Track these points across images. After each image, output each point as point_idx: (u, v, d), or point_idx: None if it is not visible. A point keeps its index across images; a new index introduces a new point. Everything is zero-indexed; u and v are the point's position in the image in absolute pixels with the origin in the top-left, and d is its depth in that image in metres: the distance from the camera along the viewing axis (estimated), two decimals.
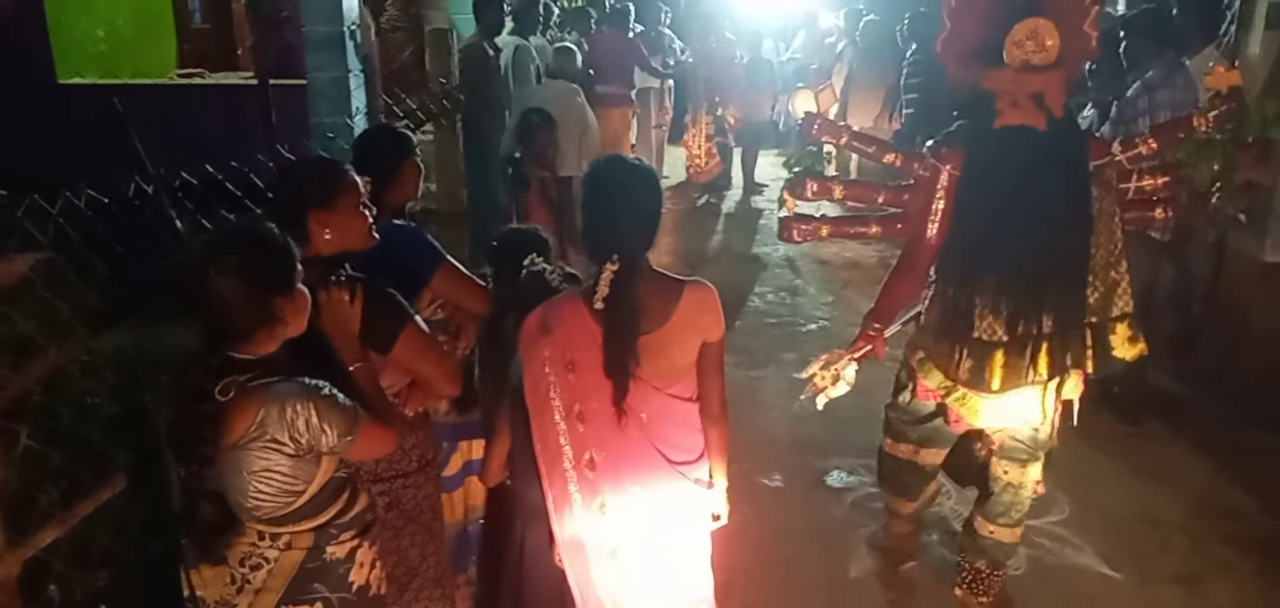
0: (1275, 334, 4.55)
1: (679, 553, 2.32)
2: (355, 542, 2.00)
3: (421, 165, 2.79)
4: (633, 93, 8.26)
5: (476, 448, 2.82)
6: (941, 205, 2.71)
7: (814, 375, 2.93)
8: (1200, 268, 4.79)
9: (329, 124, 5.29)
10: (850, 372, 2.90)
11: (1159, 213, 2.93)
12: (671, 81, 9.74)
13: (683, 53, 9.93)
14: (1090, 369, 2.80)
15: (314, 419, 1.80)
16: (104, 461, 2.97)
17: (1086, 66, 4.05)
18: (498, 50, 6.26)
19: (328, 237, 2.15)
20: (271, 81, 6.27)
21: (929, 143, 2.80)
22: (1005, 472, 2.97)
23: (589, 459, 2.20)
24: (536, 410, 2.21)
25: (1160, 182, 2.87)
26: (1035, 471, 2.98)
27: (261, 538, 1.88)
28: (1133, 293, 2.74)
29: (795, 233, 2.94)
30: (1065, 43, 2.51)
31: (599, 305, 2.12)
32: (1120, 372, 4.15)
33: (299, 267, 1.89)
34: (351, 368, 2.06)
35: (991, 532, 3.07)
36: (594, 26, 8.82)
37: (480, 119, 6.15)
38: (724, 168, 9.45)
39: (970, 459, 3.14)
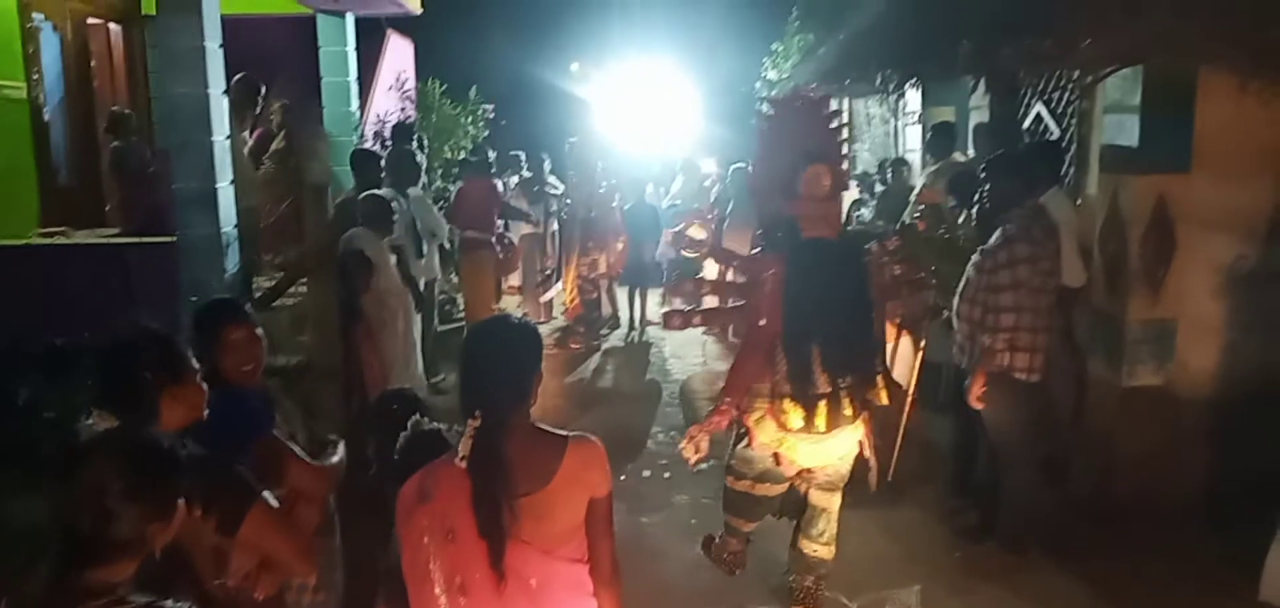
0: (1139, 459, 4.76)
1: None
2: None
3: (257, 332, 2.70)
4: (494, 238, 8.40)
5: None
6: (773, 299, 3.49)
7: (684, 449, 3.69)
8: (1064, 397, 5.01)
9: (200, 284, 5.10)
10: (704, 442, 3.69)
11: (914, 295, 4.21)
12: (556, 226, 9.93)
13: (565, 198, 10.13)
14: (886, 402, 3.75)
15: None
16: None
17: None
18: (387, 203, 6.23)
19: (169, 413, 2.05)
20: (140, 240, 6.04)
21: (761, 253, 3.65)
22: (820, 500, 3.75)
23: None
24: (415, 587, 2.09)
25: (901, 271, 3.88)
26: (837, 498, 3.79)
27: None
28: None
29: (676, 322, 4.02)
30: (835, 179, 3.56)
31: (463, 465, 2.05)
32: (1007, 503, 4.33)
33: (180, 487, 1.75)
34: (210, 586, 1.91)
35: (814, 550, 3.82)
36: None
37: None
38: (611, 309, 9.61)
39: (791, 496, 3.87)
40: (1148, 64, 4.51)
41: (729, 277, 4.12)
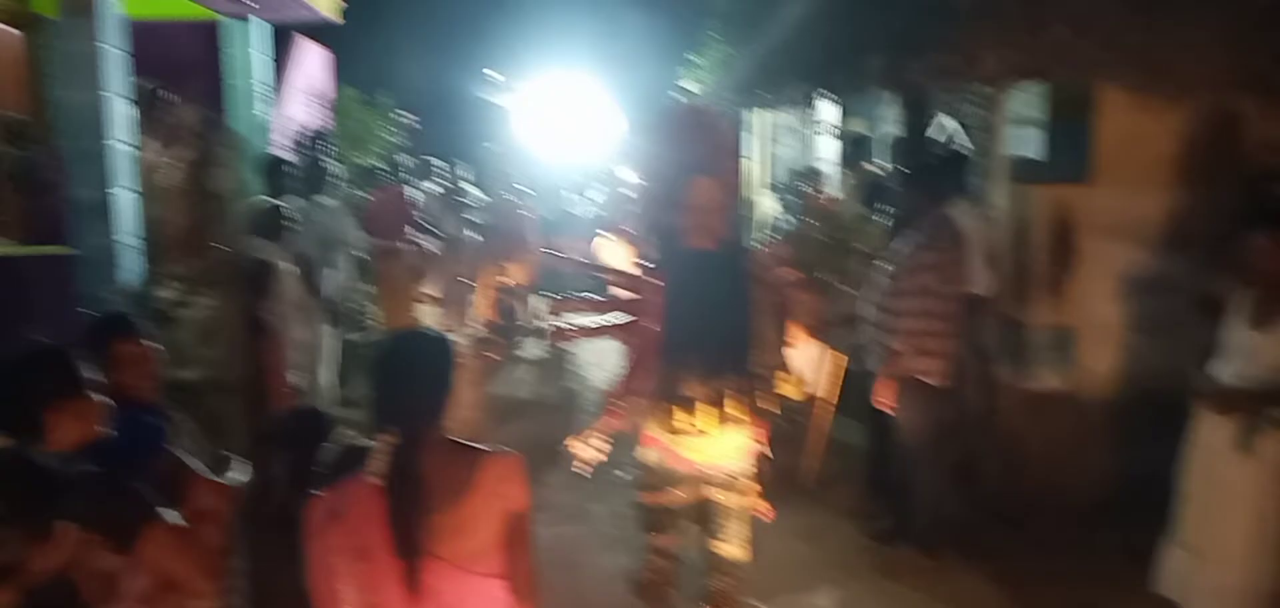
0: (1045, 461, 4.92)
1: None
2: None
3: (149, 347, 2.61)
4: (410, 248, 8.28)
5: None
6: (656, 308, 3.57)
7: (574, 449, 3.68)
8: (973, 401, 5.15)
9: (95, 297, 4.88)
10: (598, 444, 3.71)
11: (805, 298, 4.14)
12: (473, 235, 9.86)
13: (482, 206, 10.06)
14: (775, 408, 3.78)
15: None
16: None
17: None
18: (284, 213, 6.08)
19: (62, 432, 1.96)
20: (36, 251, 5.75)
21: (645, 263, 3.69)
22: (721, 499, 3.75)
23: None
24: None
25: (792, 274, 3.91)
26: (740, 498, 3.80)
27: None
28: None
29: (562, 338, 4.12)
30: (722, 189, 3.58)
31: (376, 482, 2.00)
32: (919, 507, 4.42)
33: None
34: None
35: (722, 549, 3.81)
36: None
37: None
38: (528, 319, 9.58)
39: (697, 506, 3.86)
40: (1049, 79, 4.68)
41: (614, 291, 4.17)
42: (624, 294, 3.84)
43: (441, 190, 10.11)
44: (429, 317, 10.16)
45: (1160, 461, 4.00)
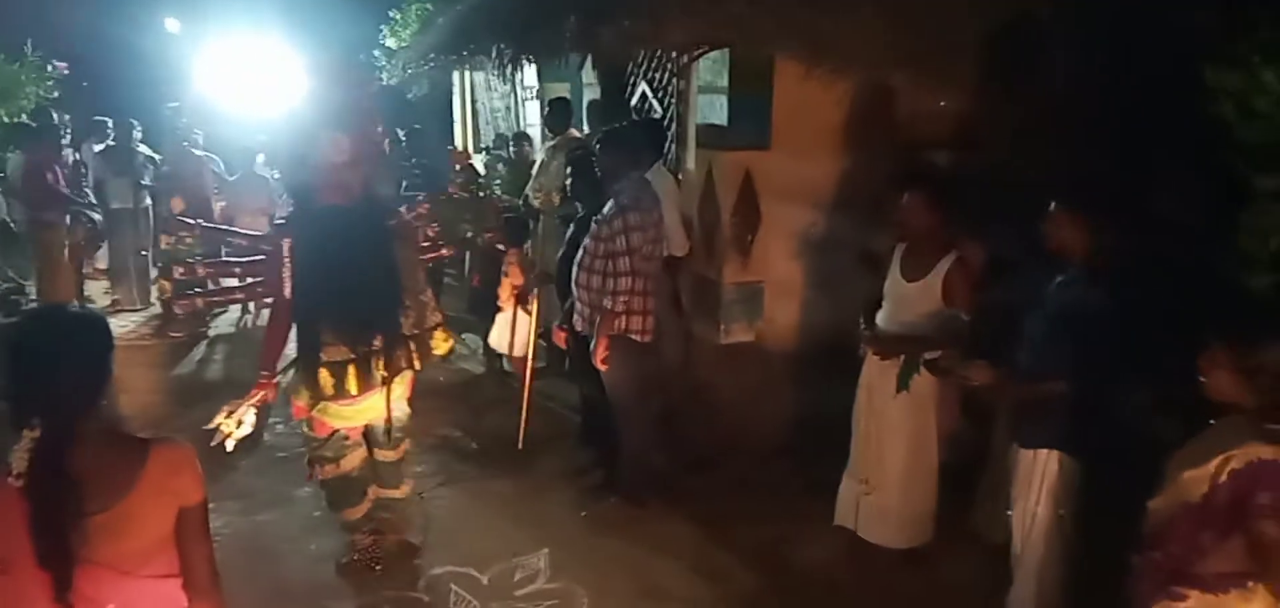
0: (735, 407, 5.26)
1: None
2: None
3: None
4: (68, 216, 7.41)
5: None
6: (287, 269, 3.49)
7: (220, 424, 3.43)
8: (674, 357, 5.40)
9: None
10: (250, 416, 3.50)
11: (446, 252, 4.67)
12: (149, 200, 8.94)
13: (161, 166, 9.13)
14: (418, 366, 3.80)
15: None
16: None
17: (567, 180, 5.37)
18: None
19: None
20: None
21: (274, 221, 3.71)
22: (383, 455, 3.90)
23: None
24: None
25: (434, 232, 4.22)
26: (397, 450, 3.95)
27: None
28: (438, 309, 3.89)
29: (177, 308, 4.22)
30: (358, 147, 3.55)
31: (17, 483, 1.76)
32: (626, 459, 4.59)
33: None
34: None
35: (390, 495, 4.04)
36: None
37: None
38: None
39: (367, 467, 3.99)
40: (732, 48, 4.95)
41: (224, 255, 4.07)
42: (249, 258, 3.90)
43: (111, 150, 9.07)
44: (100, 295, 9.13)
45: (837, 403, 4.40)
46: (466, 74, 10.81)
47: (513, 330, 5.98)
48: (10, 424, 1.83)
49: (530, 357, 5.71)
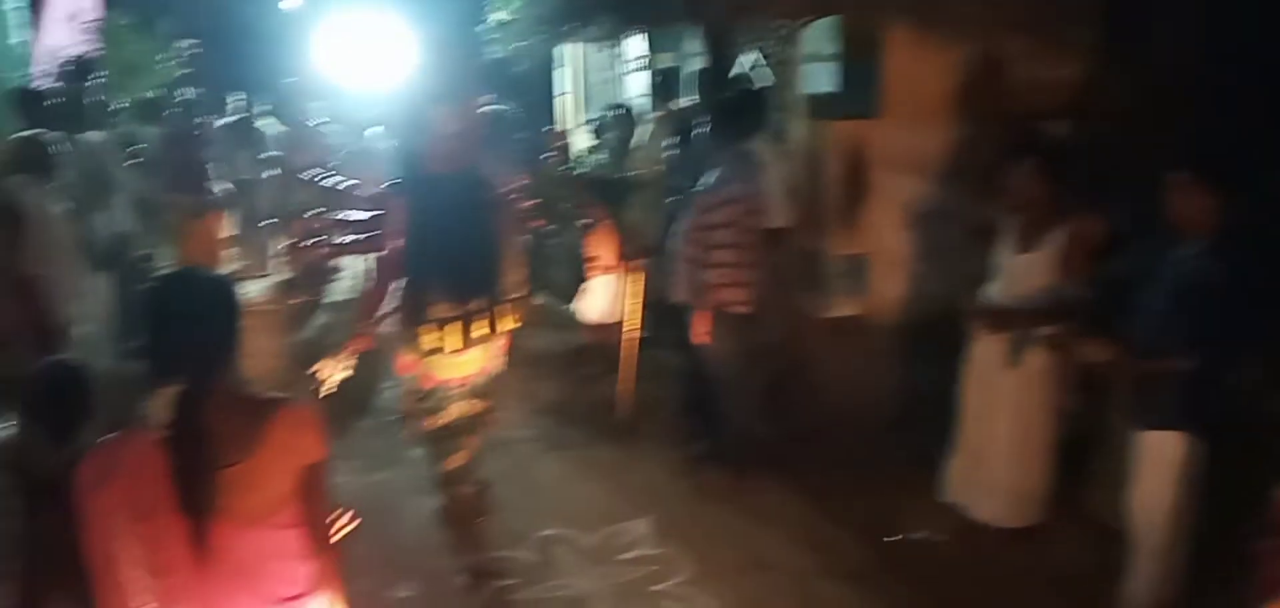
0: (839, 381, 5.21)
1: None
2: None
3: None
4: (209, 188, 7.68)
5: None
6: (397, 230, 3.65)
7: (320, 370, 3.72)
8: (779, 330, 5.37)
9: None
10: (345, 367, 3.77)
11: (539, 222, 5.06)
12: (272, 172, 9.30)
13: (281, 138, 9.48)
14: (513, 326, 3.91)
15: None
16: None
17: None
18: (47, 146, 5.52)
19: None
20: None
21: (387, 185, 3.80)
22: (471, 407, 3.95)
23: None
24: (103, 576, 1.88)
25: (529, 203, 4.45)
26: (487, 403, 4.02)
27: None
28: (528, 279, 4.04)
29: (299, 266, 4.29)
30: (467, 118, 3.74)
31: (163, 437, 1.87)
32: (730, 430, 4.60)
33: None
34: None
35: (470, 443, 4.04)
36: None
37: None
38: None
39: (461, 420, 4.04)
40: (841, 15, 4.86)
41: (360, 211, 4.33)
42: (364, 215, 4.08)
43: (237, 124, 9.47)
44: (225, 263, 9.53)
45: (944, 377, 4.31)
46: (573, 47, 10.88)
47: (603, 298, 6.04)
48: (147, 382, 1.95)
49: (633, 326, 5.75)
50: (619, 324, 6.07)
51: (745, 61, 6.19)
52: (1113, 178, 3.94)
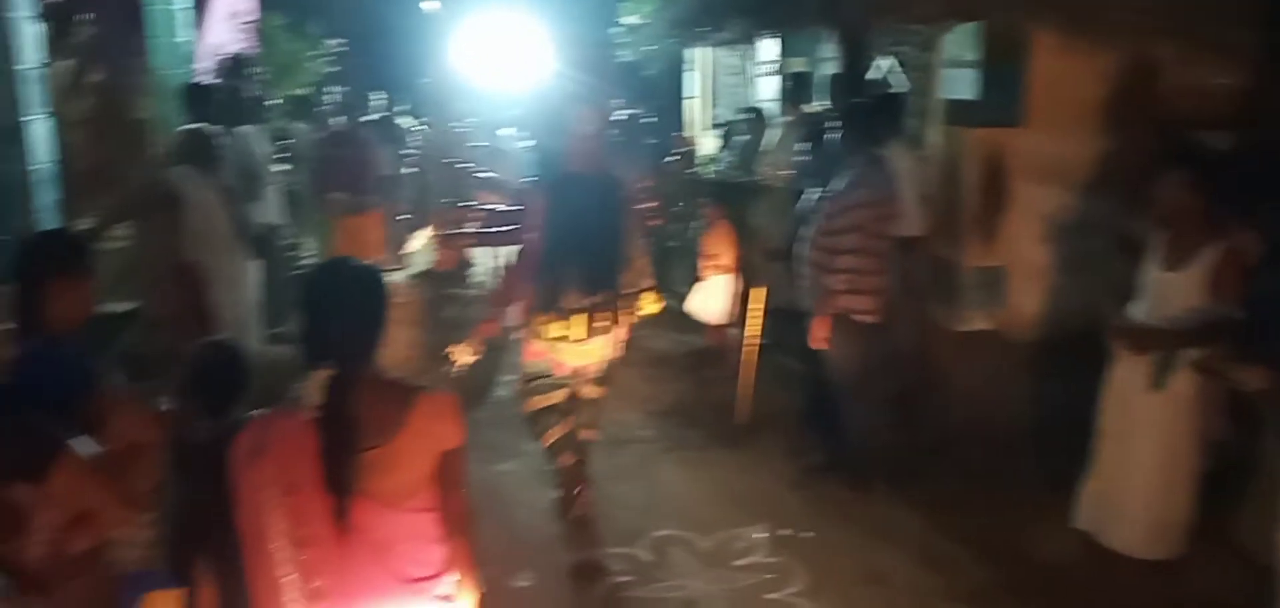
0: (970, 395, 5.05)
1: None
2: None
3: (87, 278, 2.49)
4: (370, 188, 7.94)
5: (163, 603, 2.50)
6: (535, 225, 3.87)
7: (452, 352, 4.09)
8: (907, 340, 5.25)
9: (9, 227, 4.69)
10: (474, 351, 4.14)
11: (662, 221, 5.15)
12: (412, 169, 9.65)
13: (420, 137, 9.83)
14: (634, 319, 4.10)
15: None
16: None
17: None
18: (211, 139, 5.88)
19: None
20: None
21: (527, 183, 4.12)
22: (589, 393, 4.18)
23: (316, 590, 2.01)
24: (252, 545, 2.00)
25: (655, 203, 4.58)
26: (603, 391, 4.25)
27: None
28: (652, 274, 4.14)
29: (445, 255, 4.98)
30: (602, 120, 4.01)
31: (313, 418, 1.97)
32: (851, 440, 4.53)
33: None
34: None
35: (584, 434, 4.24)
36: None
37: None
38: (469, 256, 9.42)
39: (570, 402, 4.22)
40: (984, 20, 4.72)
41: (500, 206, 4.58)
42: (506, 207, 4.27)
43: (380, 122, 9.86)
44: (381, 257, 9.92)
45: (1081, 397, 4.13)
46: (704, 50, 10.90)
47: (717, 298, 6.03)
48: (301, 365, 2.06)
49: (754, 331, 5.72)
50: (735, 325, 6.06)
51: (881, 66, 6.07)
52: (1272, 193, 3.69)
